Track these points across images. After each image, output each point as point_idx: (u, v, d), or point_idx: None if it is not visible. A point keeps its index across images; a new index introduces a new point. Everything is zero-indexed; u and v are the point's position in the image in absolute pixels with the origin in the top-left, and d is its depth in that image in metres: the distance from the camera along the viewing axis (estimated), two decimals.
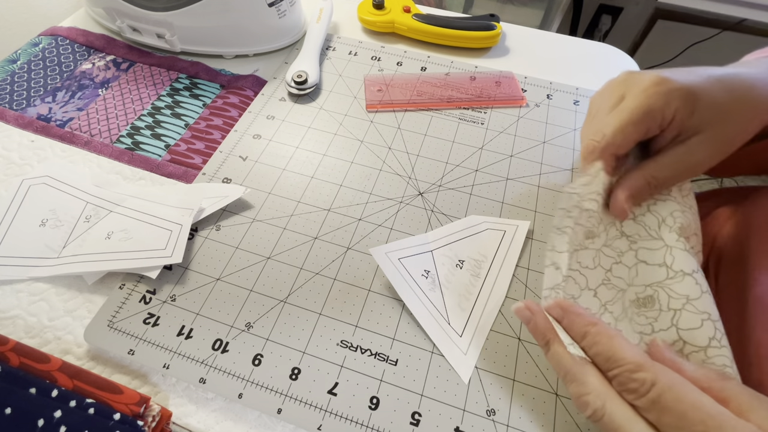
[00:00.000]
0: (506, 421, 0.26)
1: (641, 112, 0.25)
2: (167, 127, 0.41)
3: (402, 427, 0.26)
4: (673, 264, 0.26)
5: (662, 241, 0.27)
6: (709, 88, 0.26)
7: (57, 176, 0.36)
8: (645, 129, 0.26)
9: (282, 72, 0.45)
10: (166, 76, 0.45)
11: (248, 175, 0.37)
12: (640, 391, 0.21)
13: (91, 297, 0.31)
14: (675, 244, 0.26)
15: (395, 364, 0.28)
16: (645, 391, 0.21)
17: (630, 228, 0.28)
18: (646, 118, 0.25)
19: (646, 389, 0.21)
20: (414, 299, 0.30)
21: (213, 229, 0.34)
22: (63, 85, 0.43)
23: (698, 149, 0.26)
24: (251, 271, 0.32)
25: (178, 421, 0.26)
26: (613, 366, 0.22)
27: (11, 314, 0.30)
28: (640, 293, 0.26)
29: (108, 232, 0.32)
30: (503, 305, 0.31)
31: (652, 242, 0.27)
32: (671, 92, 0.25)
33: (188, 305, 0.30)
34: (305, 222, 0.34)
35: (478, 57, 0.49)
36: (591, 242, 0.28)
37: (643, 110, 0.25)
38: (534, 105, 0.43)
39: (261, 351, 0.28)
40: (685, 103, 0.25)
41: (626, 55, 0.49)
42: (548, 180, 0.37)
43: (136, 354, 0.28)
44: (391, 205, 0.36)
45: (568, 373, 0.23)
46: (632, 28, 1.27)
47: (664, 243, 0.27)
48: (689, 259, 0.26)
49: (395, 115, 0.42)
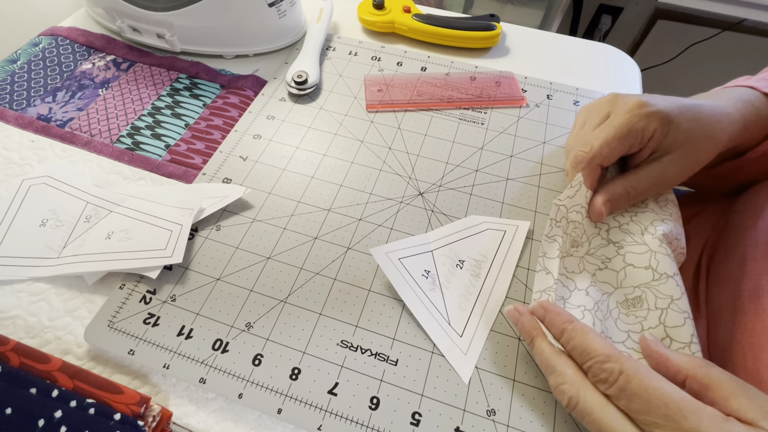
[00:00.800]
0: (506, 421, 0.26)
1: (626, 129, 0.29)
2: (167, 127, 0.41)
3: (402, 427, 0.26)
4: (658, 267, 0.28)
5: (646, 246, 0.30)
6: (680, 114, 0.29)
7: (57, 176, 0.36)
8: (628, 144, 0.30)
9: (282, 72, 0.45)
10: (166, 76, 0.45)
11: (248, 175, 0.37)
12: (609, 380, 0.23)
13: (91, 297, 0.31)
14: (658, 249, 0.29)
15: (395, 364, 0.28)
16: (613, 380, 0.23)
17: (616, 235, 0.31)
18: (630, 134, 0.29)
19: (614, 378, 0.23)
20: (414, 299, 0.30)
21: (213, 229, 0.34)
22: (63, 85, 0.43)
23: (670, 166, 0.30)
24: (251, 271, 0.32)
25: (178, 421, 0.26)
26: (586, 358, 0.24)
27: (11, 314, 0.30)
28: (629, 294, 0.29)
29: (108, 232, 0.32)
30: (503, 305, 0.31)
31: (638, 247, 0.30)
32: (651, 114, 0.29)
33: (188, 305, 0.30)
34: (305, 222, 0.34)
35: (478, 57, 0.49)
36: (575, 250, 0.32)
37: (627, 127, 0.29)
38: (534, 105, 0.43)
39: (261, 351, 0.28)
40: (662, 125, 0.29)
41: (626, 55, 0.49)
42: (548, 180, 0.38)
43: (136, 354, 0.28)
44: (392, 205, 0.36)
45: (548, 365, 0.25)
46: (632, 28, 1.27)
47: (648, 248, 0.29)
48: (671, 263, 0.28)
49: (395, 115, 0.42)
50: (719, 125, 0.30)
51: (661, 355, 0.24)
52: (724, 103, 0.31)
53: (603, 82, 0.46)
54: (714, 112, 0.30)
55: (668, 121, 0.29)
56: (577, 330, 0.25)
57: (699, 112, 0.30)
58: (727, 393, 0.21)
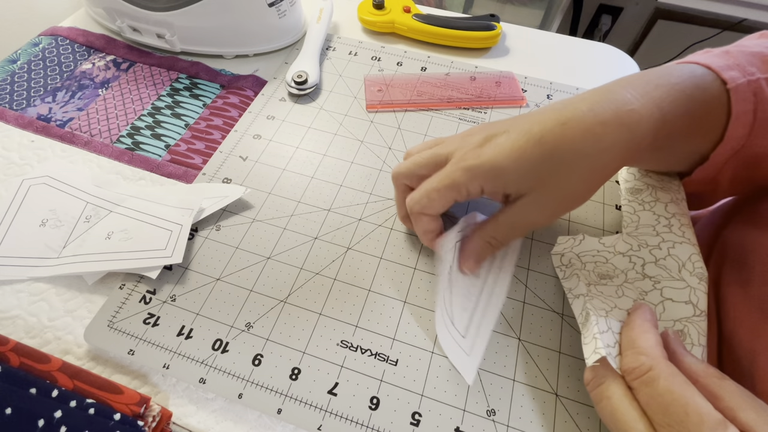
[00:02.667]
0: (506, 421, 0.26)
1: (446, 184, 0.27)
2: (167, 127, 0.41)
3: (402, 427, 0.26)
4: (698, 303, 0.27)
5: (685, 282, 0.28)
6: (525, 156, 0.25)
7: (57, 176, 0.36)
8: (452, 199, 0.28)
9: (282, 72, 0.45)
10: (166, 76, 0.45)
11: (248, 175, 0.37)
12: (636, 372, 0.22)
13: (91, 297, 0.31)
14: (698, 286, 0.27)
15: (395, 364, 0.28)
16: (640, 373, 0.22)
17: (652, 270, 0.29)
18: (451, 190, 0.27)
19: (641, 371, 0.22)
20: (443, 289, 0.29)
21: (213, 229, 0.34)
22: (63, 85, 0.43)
23: (528, 210, 0.27)
24: (251, 271, 0.32)
25: (178, 421, 0.26)
26: (629, 347, 0.24)
27: (11, 314, 0.30)
28: (669, 327, 0.27)
29: (108, 232, 0.32)
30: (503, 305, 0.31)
31: (676, 282, 0.28)
32: (474, 169, 0.26)
33: (188, 305, 0.30)
34: (305, 222, 0.34)
35: (478, 57, 0.49)
36: (609, 281, 0.30)
37: (448, 183, 0.27)
38: (534, 105, 0.43)
39: (261, 351, 0.28)
40: (489, 180, 0.26)
41: (626, 55, 0.49)
42: None
43: (136, 354, 0.28)
44: (391, 205, 0.36)
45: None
46: (632, 28, 1.27)
47: (687, 284, 0.28)
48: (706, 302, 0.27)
49: (395, 115, 0.42)
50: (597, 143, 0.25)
51: (676, 354, 0.24)
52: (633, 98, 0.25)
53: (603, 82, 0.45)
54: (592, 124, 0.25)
55: (497, 174, 0.26)
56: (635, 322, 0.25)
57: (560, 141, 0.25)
58: (737, 405, 0.21)
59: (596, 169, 0.26)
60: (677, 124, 0.26)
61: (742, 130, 0.26)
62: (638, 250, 0.30)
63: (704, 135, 0.27)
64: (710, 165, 0.28)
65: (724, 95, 0.26)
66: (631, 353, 0.23)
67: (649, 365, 0.22)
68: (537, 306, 0.31)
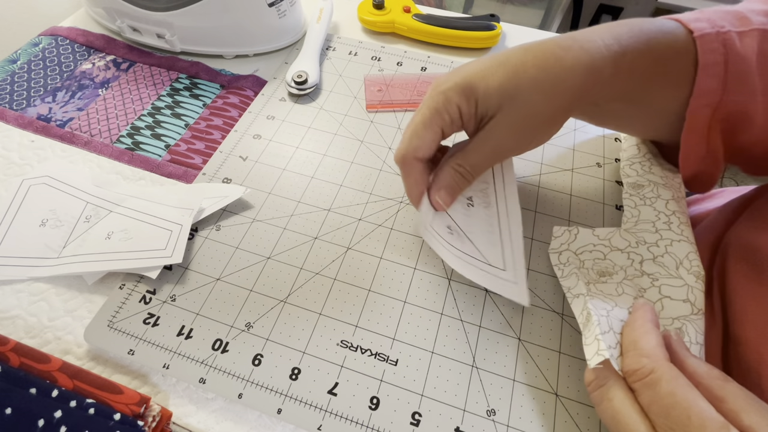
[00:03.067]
0: (506, 421, 0.26)
1: (428, 114, 0.27)
2: (167, 127, 0.41)
3: (402, 427, 0.26)
4: (696, 302, 0.27)
5: (683, 280, 0.28)
6: (490, 74, 0.26)
7: (57, 176, 0.36)
8: (438, 129, 0.28)
9: (282, 72, 0.45)
10: (166, 76, 0.45)
11: (248, 175, 0.37)
12: (638, 374, 0.22)
13: (91, 297, 0.31)
14: (695, 284, 0.28)
15: (395, 364, 0.28)
16: (642, 375, 0.22)
17: (650, 267, 0.29)
18: (435, 118, 0.27)
19: (643, 373, 0.22)
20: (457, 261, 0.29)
21: (213, 229, 0.34)
22: (63, 85, 0.43)
23: (496, 132, 0.27)
24: (251, 271, 0.32)
25: (178, 421, 0.26)
26: (630, 349, 0.24)
27: (11, 314, 0.30)
28: (668, 325, 0.27)
29: (108, 232, 0.32)
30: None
31: (674, 280, 0.28)
32: (448, 90, 0.27)
33: (188, 305, 0.30)
34: (305, 222, 0.34)
35: (478, 57, 0.49)
36: (609, 278, 0.30)
37: (429, 112, 0.27)
38: None
39: (261, 351, 0.28)
40: (463, 97, 0.27)
41: None
42: (548, 180, 0.37)
43: (136, 354, 0.28)
44: (391, 205, 0.36)
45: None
46: None
47: (684, 282, 0.28)
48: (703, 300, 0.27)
49: (395, 115, 0.42)
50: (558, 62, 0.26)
51: (678, 355, 0.24)
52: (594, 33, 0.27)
53: None
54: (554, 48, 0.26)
55: (469, 91, 0.26)
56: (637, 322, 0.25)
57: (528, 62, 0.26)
58: (740, 408, 0.21)
59: (558, 89, 0.26)
60: (639, 61, 0.26)
61: (713, 83, 0.26)
62: (636, 247, 0.30)
63: (675, 86, 0.27)
64: (692, 127, 0.28)
65: (691, 44, 0.26)
66: (632, 354, 0.23)
67: (651, 367, 0.22)
68: (537, 306, 0.31)
